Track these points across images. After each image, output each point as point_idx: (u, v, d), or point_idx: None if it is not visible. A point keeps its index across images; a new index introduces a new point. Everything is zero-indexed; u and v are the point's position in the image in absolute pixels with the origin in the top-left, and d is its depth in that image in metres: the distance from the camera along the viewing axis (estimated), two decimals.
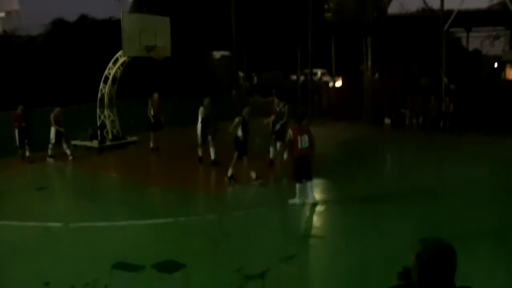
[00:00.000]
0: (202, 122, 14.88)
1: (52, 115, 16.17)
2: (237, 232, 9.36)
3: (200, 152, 15.04)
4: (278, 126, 14.55)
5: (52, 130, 16.02)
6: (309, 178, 10.72)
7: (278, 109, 15.25)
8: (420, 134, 21.31)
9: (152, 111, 17.69)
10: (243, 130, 12.55)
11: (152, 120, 17.64)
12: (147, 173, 15.04)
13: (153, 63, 19.70)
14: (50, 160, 15.99)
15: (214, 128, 14.86)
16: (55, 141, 16.07)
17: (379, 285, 5.62)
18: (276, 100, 18.75)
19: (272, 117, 15.73)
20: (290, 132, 10.85)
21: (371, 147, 18.62)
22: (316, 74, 41.24)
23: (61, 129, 16.19)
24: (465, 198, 11.56)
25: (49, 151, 16.05)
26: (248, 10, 34.06)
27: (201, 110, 14.95)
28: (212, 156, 14.86)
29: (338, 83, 30.58)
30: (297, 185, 10.71)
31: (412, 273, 2.67)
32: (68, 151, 16.18)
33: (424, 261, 2.60)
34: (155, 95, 17.87)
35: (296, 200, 10.72)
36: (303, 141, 10.47)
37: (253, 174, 12.58)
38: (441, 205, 11.02)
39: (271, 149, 14.60)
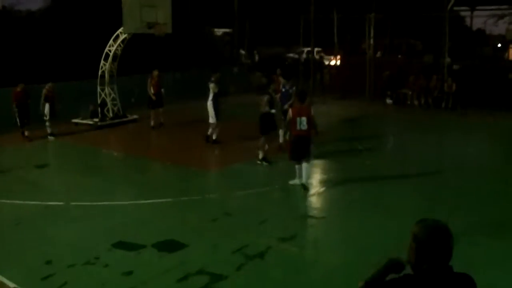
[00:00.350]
0: (214, 97, 14.44)
1: (44, 91, 16.02)
2: (237, 211, 9.38)
3: (211, 131, 14.63)
4: (286, 107, 13.84)
5: (46, 106, 15.90)
6: (307, 159, 10.50)
7: (284, 89, 14.61)
8: (421, 113, 21.20)
9: (152, 89, 17.59)
10: (270, 107, 12.67)
11: (154, 98, 17.55)
12: (149, 150, 15.02)
13: (154, 39, 19.50)
14: (51, 138, 15.96)
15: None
16: (50, 117, 15.97)
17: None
18: (281, 79, 18.61)
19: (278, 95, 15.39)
20: (289, 112, 10.71)
21: (371, 126, 18.56)
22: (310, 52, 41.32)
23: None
24: (465, 177, 11.58)
25: (48, 129, 15.99)
26: None
27: (212, 85, 14.44)
28: (214, 136, 14.70)
29: (333, 62, 30.47)
30: (296, 166, 10.59)
31: (409, 254, 2.72)
32: (48, 130, 16.10)
33: (420, 241, 2.66)
34: (155, 72, 17.75)
35: (296, 181, 10.61)
36: (301, 123, 10.22)
37: (261, 154, 12.52)
38: (442, 183, 11.02)
39: (280, 131, 13.93)
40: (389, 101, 23.71)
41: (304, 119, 10.21)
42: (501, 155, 14.41)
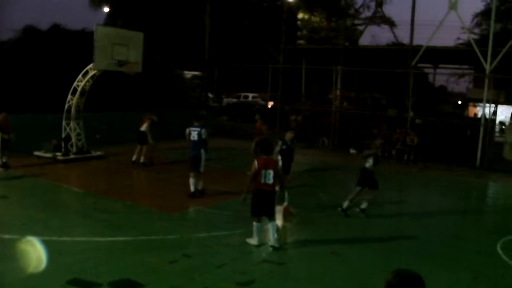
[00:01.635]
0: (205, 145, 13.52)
1: None
2: (197, 254, 9.31)
3: (197, 183, 13.53)
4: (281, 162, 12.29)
5: None
6: (270, 216, 9.73)
7: (283, 144, 13.01)
8: (384, 164, 21.61)
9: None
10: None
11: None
12: (110, 188, 14.83)
13: (123, 77, 19.59)
14: (1, 169, 15.66)
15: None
16: (1, 148, 15.75)
17: None
18: (260, 123, 18.89)
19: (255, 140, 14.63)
20: (255, 163, 9.64)
21: (335, 176, 18.83)
22: (247, 97, 42.84)
23: (6, 136, 15.86)
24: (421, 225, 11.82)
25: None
26: (221, 31, 34.39)
27: (204, 131, 13.40)
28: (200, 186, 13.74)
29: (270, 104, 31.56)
30: (254, 223, 9.77)
31: None
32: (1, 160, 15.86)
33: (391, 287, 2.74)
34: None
35: (252, 240, 9.83)
36: (267, 176, 9.45)
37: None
38: (400, 235, 11.20)
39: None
40: (352, 151, 24.16)
41: (270, 172, 9.49)
42: (455, 209, 14.81)
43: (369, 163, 12.41)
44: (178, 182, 15.32)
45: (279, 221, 10.96)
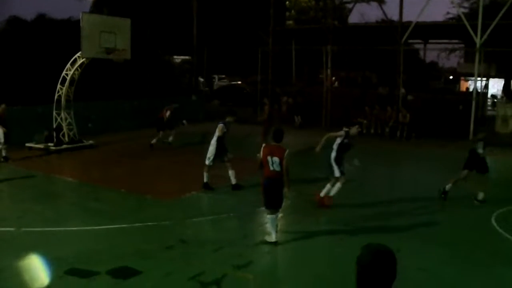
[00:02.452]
0: (218, 140, 12.72)
1: None
2: (193, 239, 9.32)
3: (206, 177, 12.76)
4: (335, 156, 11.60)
5: (0, 130, 15.63)
6: (277, 208, 9.22)
7: (342, 138, 11.85)
8: (376, 143, 21.66)
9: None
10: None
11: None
12: (104, 177, 14.79)
13: (112, 65, 19.43)
14: (3, 162, 15.60)
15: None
16: (4, 141, 15.69)
17: None
18: (268, 107, 19.05)
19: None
20: (261, 151, 9.28)
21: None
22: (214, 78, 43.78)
23: (5, 130, 15.77)
24: (415, 204, 11.89)
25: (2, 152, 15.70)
26: (209, 15, 34.10)
27: (220, 127, 12.73)
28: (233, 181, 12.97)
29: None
30: (268, 216, 9.20)
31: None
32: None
33: (364, 265, 2.69)
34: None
35: (271, 238, 9.11)
36: (274, 163, 8.99)
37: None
38: (393, 211, 11.25)
39: (328, 186, 11.66)
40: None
41: (276, 159, 8.99)
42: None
43: (480, 148, 12.04)
44: (170, 168, 15.31)
45: None
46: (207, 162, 12.73)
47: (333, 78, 43.37)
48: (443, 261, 8.37)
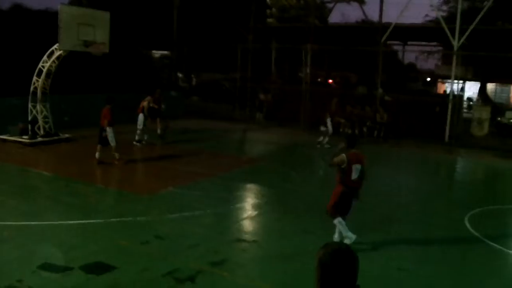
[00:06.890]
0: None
1: None
2: (168, 235, 9.27)
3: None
4: None
5: None
6: (346, 214, 8.97)
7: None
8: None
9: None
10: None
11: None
12: (80, 171, 14.60)
13: (90, 58, 19.19)
14: None
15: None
16: None
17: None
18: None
19: None
20: (344, 157, 8.68)
21: (305, 153, 18.92)
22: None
23: None
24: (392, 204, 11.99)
25: None
26: (190, 10, 33.95)
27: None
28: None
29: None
30: (338, 220, 8.88)
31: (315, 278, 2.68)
32: None
33: (324, 265, 2.64)
34: (158, 90, 19.52)
35: (349, 239, 8.73)
36: (357, 172, 8.64)
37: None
38: (370, 210, 11.33)
39: None
40: (323, 128, 24.25)
41: (359, 167, 8.66)
42: (423, 185, 15.05)
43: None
44: (147, 164, 15.19)
45: None
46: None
47: (330, 80, 43.71)
48: (419, 261, 8.47)
